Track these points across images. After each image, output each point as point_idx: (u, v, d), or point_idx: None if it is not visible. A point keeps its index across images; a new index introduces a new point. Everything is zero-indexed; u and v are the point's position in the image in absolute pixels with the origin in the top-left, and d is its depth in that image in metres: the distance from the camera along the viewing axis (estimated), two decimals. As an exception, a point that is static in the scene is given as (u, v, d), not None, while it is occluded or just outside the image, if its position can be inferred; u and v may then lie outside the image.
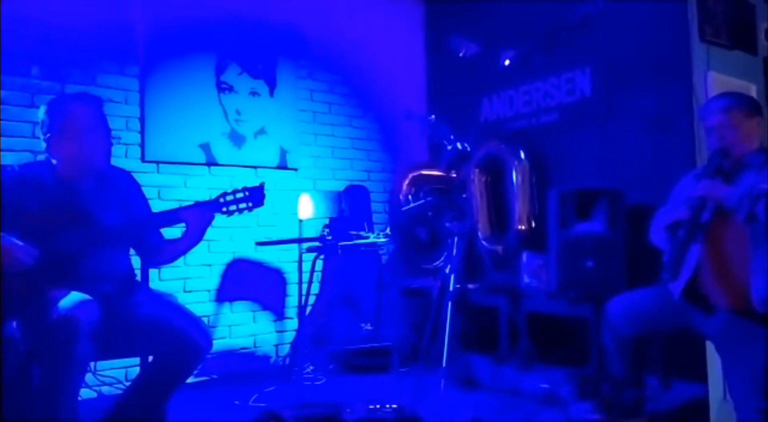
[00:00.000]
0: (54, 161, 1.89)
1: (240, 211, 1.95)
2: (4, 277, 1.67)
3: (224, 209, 1.94)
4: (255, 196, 1.96)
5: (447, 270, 2.35)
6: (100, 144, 1.92)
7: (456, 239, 2.39)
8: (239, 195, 1.95)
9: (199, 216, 1.94)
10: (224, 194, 1.95)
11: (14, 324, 1.73)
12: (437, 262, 3.42)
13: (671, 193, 2.25)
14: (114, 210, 1.93)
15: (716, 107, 2.07)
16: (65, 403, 1.63)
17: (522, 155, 3.33)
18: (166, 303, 2.01)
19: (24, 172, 1.90)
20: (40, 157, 2.73)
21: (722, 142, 2.01)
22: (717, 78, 2.83)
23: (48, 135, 1.87)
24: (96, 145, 1.91)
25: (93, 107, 1.93)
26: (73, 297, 1.69)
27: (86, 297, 1.71)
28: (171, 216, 1.95)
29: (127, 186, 2.08)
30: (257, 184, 1.98)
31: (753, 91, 3.02)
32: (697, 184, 1.97)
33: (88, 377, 2.58)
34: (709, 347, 2.29)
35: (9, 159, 2.69)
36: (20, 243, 1.68)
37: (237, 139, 3.43)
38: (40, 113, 1.89)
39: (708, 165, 2.01)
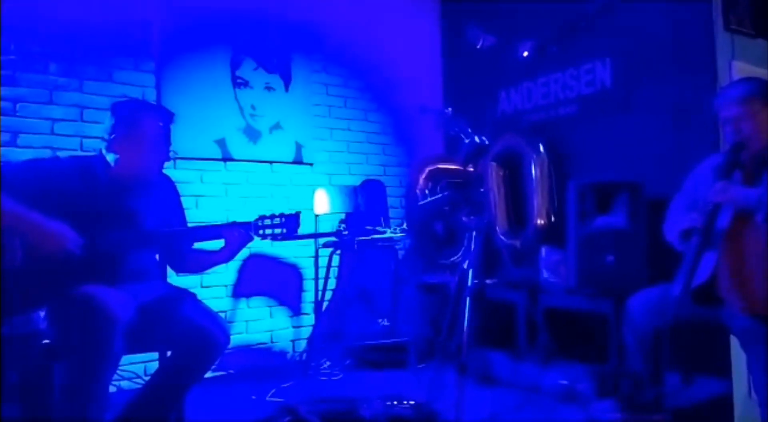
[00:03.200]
0: (110, 158, 1.93)
1: (274, 236, 2.02)
2: (44, 262, 1.70)
3: (261, 232, 2.02)
4: (290, 223, 2.03)
5: (465, 266, 2.32)
6: (161, 157, 1.99)
7: (473, 234, 2.35)
8: (276, 220, 2.02)
9: (237, 236, 2.01)
10: (262, 218, 2.02)
11: (42, 314, 1.75)
12: (454, 257, 3.39)
13: (686, 182, 2.19)
14: (154, 214, 1.98)
15: (732, 97, 1.97)
16: (97, 399, 1.64)
17: (540, 148, 3.29)
18: (184, 299, 2.02)
19: (78, 164, 1.94)
20: (60, 154, 2.78)
21: (739, 136, 1.93)
22: (741, 67, 2.76)
23: (113, 136, 1.91)
24: (157, 158, 1.98)
25: (165, 122, 2.00)
26: (112, 292, 1.71)
27: (123, 293, 1.74)
28: (210, 232, 2.03)
29: (169, 193, 2.13)
30: (294, 212, 2.04)
31: (779, 80, 2.94)
32: (714, 182, 1.89)
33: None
34: (734, 341, 2.24)
35: (28, 156, 2.72)
36: (69, 231, 1.72)
37: (252, 134, 3.43)
38: (110, 113, 1.94)
39: (724, 162, 1.93)
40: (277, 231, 2.01)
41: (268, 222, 2.02)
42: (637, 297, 2.15)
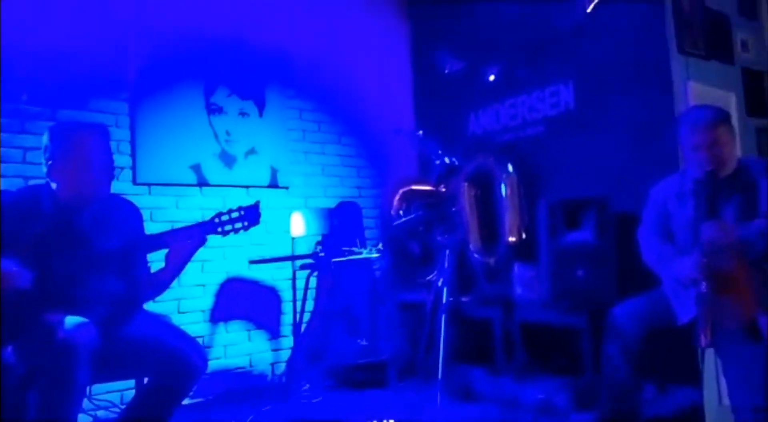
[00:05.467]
0: (54, 185, 1.88)
1: (236, 230, 1.94)
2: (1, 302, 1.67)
3: (219, 229, 1.93)
4: (250, 215, 1.96)
5: (439, 284, 2.36)
6: (103, 174, 1.92)
7: (447, 252, 2.41)
8: (234, 214, 1.95)
9: (183, 241, 1.91)
10: (219, 214, 1.95)
11: (10, 349, 1.73)
12: (430, 276, 3.43)
13: (649, 204, 2.24)
14: (110, 238, 1.91)
15: (703, 123, 1.95)
16: None
17: (510, 168, 3.38)
18: (161, 324, 2.01)
19: (22, 196, 1.91)
20: (32, 182, 2.76)
21: (713, 163, 1.91)
22: (696, 87, 2.89)
23: (50, 162, 1.86)
24: (98, 175, 1.90)
25: (99, 137, 1.93)
26: (71, 320, 1.69)
27: (84, 320, 1.71)
28: (160, 240, 1.92)
29: (129, 217, 2.05)
30: (252, 203, 1.98)
31: (732, 99, 3.09)
32: (703, 222, 1.88)
33: (84, 401, 2.56)
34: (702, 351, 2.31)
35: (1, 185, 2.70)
36: (15, 267, 1.69)
37: (228, 159, 3.45)
38: (44, 138, 1.88)
39: (705, 195, 1.90)
40: (238, 225, 1.94)
41: (225, 217, 1.94)
42: (622, 307, 2.17)
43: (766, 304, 1.84)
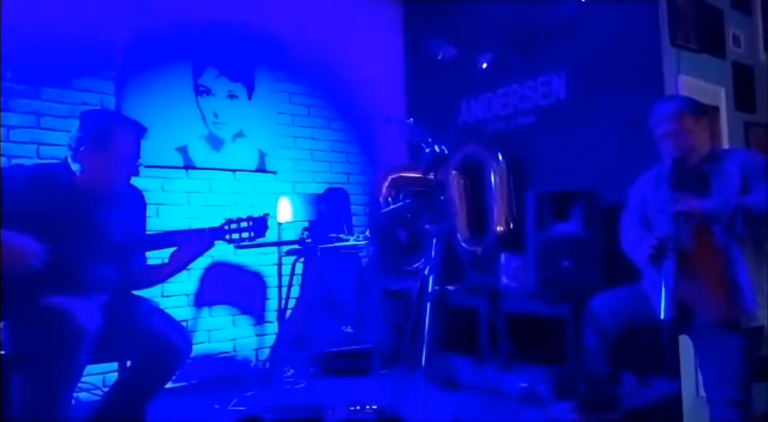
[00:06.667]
0: (76, 167, 1.89)
1: (242, 240, 2.00)
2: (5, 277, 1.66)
3: (227, 237, 2.00)
4: (258, 227, 2.02)
5: (426, 272, 2.36)
6: (128, 171, 1.96)
7: (434, 240, 2.40)
8: (243, 224, 2.01)
9: (194, 242, 1.97)
10: (229, 222, 2.01)
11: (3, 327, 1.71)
12: (417, 264, 3.43)
13: (630, 198, 2.27)
14: (118, 226, 1.95)
15: (667, 114, 2.06)
16: (60, 410, 1.62)
17: (500, 157, 3.37)
18: (146, 307, 2.00)
19: (38, 172, 1.90)
20: (15, 162, 2.71)
21: (679, 151, 2.01)
22: (687, 81, 2.89)
23: (81, 148, 1.87)
24: (124, 172, 1.95)
25: (136, 136, 1.97)
26: (77, 303, 1.69)
27: (90, 304, 1.73)
28: (170, 238, 1.98)
29: (136, 205, 2.09)
30: (261, 215, 2.03)
31: (722, 94, 3.09)
32: (669, 196, 1.95)
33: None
34: (682, 343, 2.34)
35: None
36: (34, 245, 1.68)
37: (215, 142, 3.42)
38: (77, 123, 1.89)
39: (673, 177, 1.98)
40: (245, 234, 2.00)
41: (234, 226, 2.00)
42: (600, 298, 2.21)
43: (736, 292, 1.86)
